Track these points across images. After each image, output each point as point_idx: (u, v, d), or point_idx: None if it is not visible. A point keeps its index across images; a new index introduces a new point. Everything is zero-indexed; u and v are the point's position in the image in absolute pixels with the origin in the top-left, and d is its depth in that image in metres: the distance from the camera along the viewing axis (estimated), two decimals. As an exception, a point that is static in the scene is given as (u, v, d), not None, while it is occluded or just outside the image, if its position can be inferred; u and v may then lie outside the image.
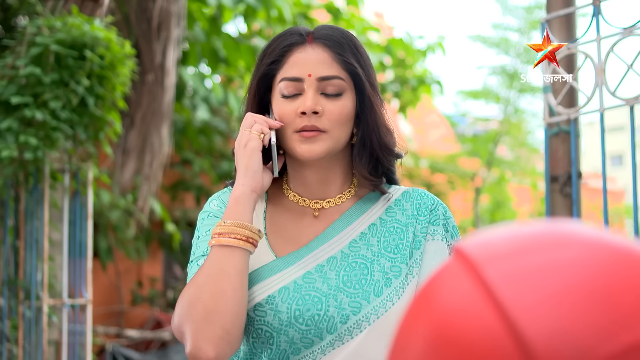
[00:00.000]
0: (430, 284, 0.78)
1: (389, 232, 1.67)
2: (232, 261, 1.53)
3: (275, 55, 1.67)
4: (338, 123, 1.62)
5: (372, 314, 1.56)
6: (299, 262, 1.63)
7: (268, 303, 1.58)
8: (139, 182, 6.67)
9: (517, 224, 0.79)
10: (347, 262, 1.63)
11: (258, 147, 1.62)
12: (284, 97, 1.65)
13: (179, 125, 8.41)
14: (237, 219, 1.56)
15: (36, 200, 4.37)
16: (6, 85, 4.18)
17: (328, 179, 1.71)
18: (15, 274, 4.41)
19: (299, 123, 1.61)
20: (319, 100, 1.62)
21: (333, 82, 1.63)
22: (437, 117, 18.09)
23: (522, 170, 15.30)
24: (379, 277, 1.60)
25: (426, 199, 1.71)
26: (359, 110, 1.67)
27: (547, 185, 3.25)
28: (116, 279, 8.91)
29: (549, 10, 3.31)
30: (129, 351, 7.27)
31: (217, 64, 8.24)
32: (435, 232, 1.66)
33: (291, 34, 1.67)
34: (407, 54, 10.29)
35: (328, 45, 1.64)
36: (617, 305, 0.67)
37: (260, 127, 1.63)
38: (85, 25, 4.26)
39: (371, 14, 14.14)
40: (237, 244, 1.54)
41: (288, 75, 1.64)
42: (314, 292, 1.59)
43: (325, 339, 1.56)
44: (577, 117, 3.12)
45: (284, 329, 1.57)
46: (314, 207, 1.72)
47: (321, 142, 1.61)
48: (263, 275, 1.62)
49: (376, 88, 1.69)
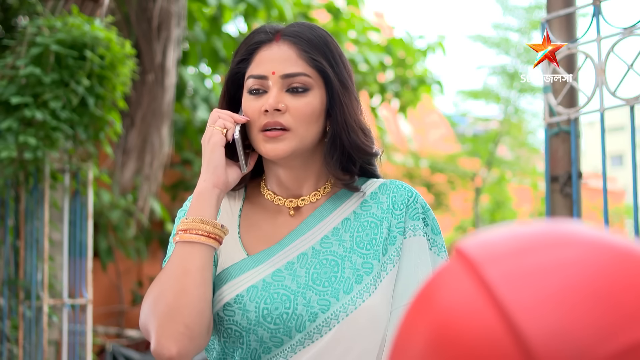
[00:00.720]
0: (431, 284, 0.78)
1: (363, 227, 1.66)
2: (194, 257, 1.53)
3: (243, 54, 1.68)
4: (302, 121, 1.61)
5: (341, 312, 1.54)
6: (269, 260, 1.62)
7: (236, 302, 1.58)
8: (139, 182, 6.67)
9: (518, 224, 0.79)
10: (317, 259, 1.62)
11: (220, 142, 1.61)
12: (250, 95, 1.65)
13: (179, 125, 8.41)
14: (199, 214, 1.56)
15: (36, 200, 4.37)
16: (6, 85, 4.18)
17: (302, 177, 1.70)
18: (16, 274, 4.41)
19: (262, 120, 1.61)
20: (283, 97, 1.61)
21: (298, 79, 1.61)
22: (438, 117, 18.10)
23: (522, 170, 15.29)
24: (349, 274, 1.59)
25: (403, 192, 1.68)
26: (329, 107, 1.66)
27: (547, 185, 3.25)
28: (116, 279, 8.91)
29: (549, 10, 3.31)
30: (129, 351, 7.27)
31: (218, 64, 8.24)
32: (416, 227, 1.64)
33: (259, 32, 1.67)
34: (407, 54, 10.28)
35: (295, 43, 1.64)
36: (618, 305, 0.67)
37: (223, 123, 1.62)
38: (86, 25, 4.26)
39: (371, 14, 14.15)
40: (198, 239, 1.54)
41: (254, 73, 1.64)
42: (283, 290, 1.58)
43: (295, 337, 1.55)
44: (577, 117, 3.12)
45: (252, 328, 1.56)
46: (289, 206, 1.71)
47: (286, 141, 1.60)
48: (233, 274, 1.62)
49: (347, 86, 1.66)
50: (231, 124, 1.63)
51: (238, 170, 1.66)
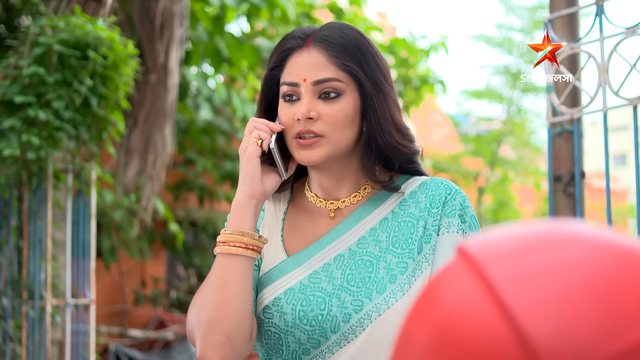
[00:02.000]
0: (434, 283, 0.78)
1: (399, 227, 1.65)
2: (233, 269, 1.58)
3: (275, 61, 1.69)
4: (335, 127, 1.61)
5: (374, 312, 1.55)
6: (307, 262, 1.65)
7: (274, 305, 1.62)
8: (142, 182, 6.68)
9: (520, 223, 0.79)
10: (354, 259, 1.63)
11: (255, 154, 1.63)
12: (284, 102, 1.66)
13: (182, 125, 8.42)
14: (237, 226, 1.61)
15: (39, 200, 4.37)
16: (9, 85, 4.18)
17: (340, 179, 1.72)
18: (19, 274, 4.41)
19: (296, 128, 1.62)
20: (315, 105, 1.61)
21: (329, 84, 1.61)
22: (440, 117, 18.08)
23: (525, 170, 15.28)
24: (383, 273, 1.59)
25: (441, 189, 1.66)
26: (363, 110, 1.65)
27: (550, 185, 3.25)
28: (119, 278, 8.91)
29: (552, 10, 3.31)
30: (132, 351, 7.27)
31: (220, 64, 8.23)
32: (451, 224, 1.62)
33: (291, 38, 1.68)
34: (410, 54, 10.28)
35: (325, 47, 1.63)
36: (621, 305, 0.67)
37: (258, 133, 1.64)
38: (88, 25, 4.26)
39: (374, 14, 14.13)
40: (236, 251, 1.59)
41: (286, 80, 1.65)
42: (319, 292, 1.61)
43: (331, 338, 1.57)
44: (580, 116, 3.12)
45: (290, 330, 1.60)
46: (330, 208, 1.73)
47: (320, 148, 1.61)
48: (273, 278, 1.66)
49: (381, 86, 1.64)
50: (266, 133, 1.64)
51: (278, 176, 1.69)
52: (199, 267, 9.66)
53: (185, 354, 7.50)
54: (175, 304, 9.33)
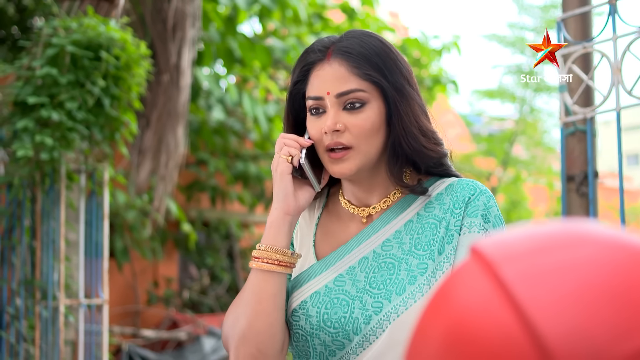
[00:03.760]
0: (447, 283, 0.78)
1: (423, 229, 1.65)
2: (266, 285, 1.63)
3: (298, 75, 1.71)
4: (363, 137, 1.62)
5: (392, 313, 1.56)
6: (334, 266, 1.69)
7: (301, 308, 1.66)
8: (154, 182, 6.69)
9: (534, 223, 0.79)
10: (377, 262, 1.65)
11: (286, 171, 1.66)
12: (312, 115, 1.68)
13: (194, 125, 8.43)
14: (271, 243, 1.65)
15: (52, 200, 4.38)
16: (22, 86, 4.20)
17: (371, 187, 1.73)
18: (32, 274, 4.43)
19: (325, 140, 1.64)
20: (340, 116, 1.63)
21: (352, 95, 1.62)
22: (453, 117, 18.04)
23: (538, 170, 15.22)
24: (404, 275, 1.60)
25: (465, 190, 1.65)
26: (388, 117, 1.66)
27: (564, 184, 3.24)
28: (132, 279, 8.94)
29: (565, 9, 3.30)
30: (145, 351, 7.29)
31: (233, 65, 8.25)
32: (472, 224, 1.61)
33: (311, 52, 1.69)
34: (422, 54, 10.27)
35: (345, 59, 1.63)
36: (634, 303, 0.67)
37: (287, 150, 1.66)
38: (101, 26, 4.27)
39: (386, 14, 14.13)
40: (270, 268, 1.63)
41: (311, 94, 1.67)
42: (343, 295, 1.64)
43: (354, 340, 1.59)
44: (593, 116, 3.11)
45: (315, 332, 1.63)
46: (362, 214, 1.75)
47: (350, 160, 1.63)
48: (302, 282, 1.71)
49: (404, 92, 1.65)
50: (296, 149, 1.66)
51: (312, 189, 1.72)
52: (212, 268, 9.68)
53: (198, 354, 7.50)
54: (187, 304, 9.34)
